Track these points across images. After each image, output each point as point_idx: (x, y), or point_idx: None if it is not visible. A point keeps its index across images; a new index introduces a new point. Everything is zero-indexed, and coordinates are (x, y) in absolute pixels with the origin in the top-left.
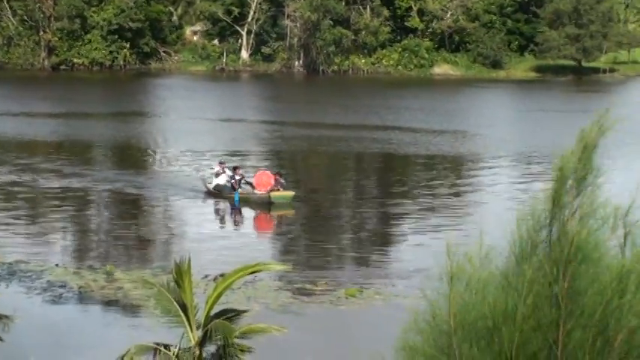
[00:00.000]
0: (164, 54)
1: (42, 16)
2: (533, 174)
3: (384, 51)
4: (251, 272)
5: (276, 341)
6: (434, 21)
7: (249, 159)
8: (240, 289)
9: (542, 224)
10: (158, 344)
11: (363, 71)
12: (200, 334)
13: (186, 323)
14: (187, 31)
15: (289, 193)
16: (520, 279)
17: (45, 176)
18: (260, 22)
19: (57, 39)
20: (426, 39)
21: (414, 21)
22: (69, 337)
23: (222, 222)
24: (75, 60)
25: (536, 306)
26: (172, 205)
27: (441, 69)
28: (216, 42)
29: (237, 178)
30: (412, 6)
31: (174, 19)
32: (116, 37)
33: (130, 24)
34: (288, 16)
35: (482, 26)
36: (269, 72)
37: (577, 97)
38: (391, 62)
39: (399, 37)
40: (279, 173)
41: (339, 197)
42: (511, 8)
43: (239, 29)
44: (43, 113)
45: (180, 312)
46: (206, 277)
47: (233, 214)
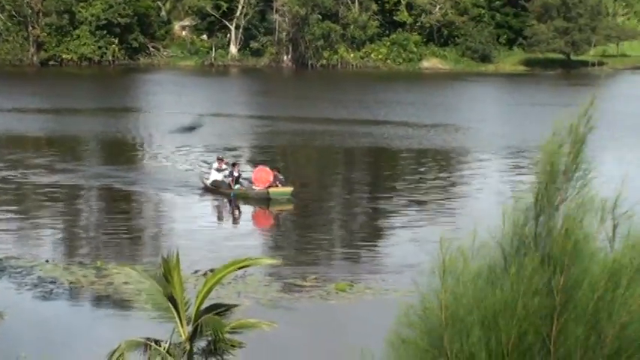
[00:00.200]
0: (153, 49)
1: (30, 11)
2: (523, 167)
3: (372, 45)
4: (241, 267)
5: (267, 336)
6: (422, 15)
7: (239, 154)
8: (231, 284)
9: (533, 218)
10: (149, 339)
11: (352, 65)
12: (190, 329)
13: (177, 318)
14: (176, 26)
15: (288, 188)
16: (515, 273)
17: (35, 172)
18: (248, 16)
19: (45, 34)
20: (415, 33)
21: (403, 15)
22: (59, 333)
23: (213, 218)
24: (64, 55)
25: (531, 300)
26: (163, 200)
27: (429, 63)
28: (204, 37)
29: (235, 175)
30: (400, 0)
31: (162, 14)
32: (105, 32)
33: (119, 19)
34: (276, 11)
35: (470, 20)
36: (258, 67)
37: (566, 90)
38: (380, 56)
39: (387, 31)
40: (278, 169)
41: (330, 192)
42: (500, 2)
43: (228, 24)
44: (32, 109)
45: (171, 307)
46: (196, 272)
47: (225, 209)
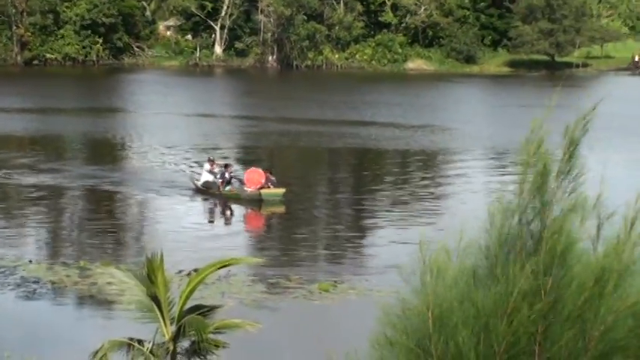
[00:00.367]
0: (137, 49)
1: (14, 11)
2: (508, 168)
3: (357, 46)
4: (223, 266)
5: (250, 336)
6: (407, 16)
7: (224, 153)
8: (215, 284)
9: (520, 219)
10: (132, 339)
11: (337, 66)
12: (174, 329)
13: (160, 318)
14: (160, 26)
15: (280, 190)
16: (503, 274)
17: (19, 172)
18: (233, 17)
19: (30, 34)
20: (400, 34)
21: (388, 16)
22: (43, 333)
23: (198, 218)
24: (48, 55)
25: (521, 303)
26: (148, 200)
27: (414, 64)
28: (189, 37)
29: (227, 176)
30: (386, 1)
31: (147, 14)
32: (89, 32)
33: (103, 19)
34: (261, 11)
35: (455, 21)
36: (242, 67)
37: (551, 91)
38: (365, 57)
39: (372, 32)
40: (270, 170)
41: (315, 192)
42: (484, 3)
43: (212, 24)
44: (16, 108)
45: (155, 307)
46: (180, 272)
47: (211, 210)
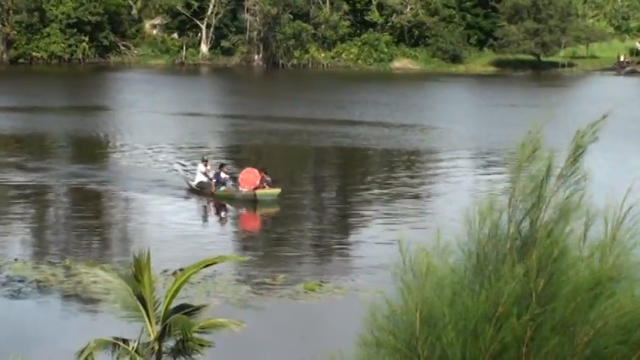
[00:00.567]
0: (123, 47)
1: (0, 9)
2: (496, 167)
3: (343, 45)
4: (208, 265)
5: (236, 336)
6: (393, 15)
7: (212, 153)
8: (200, 283)
9: (512, 220)
10: (117, 339)
11: (323, 65)
12: (159, 328)
13: (146, 318)
14: (147, 24)
15: (275, 190)
16: (493, 277)
17: (4, 170)
18: (219, 15)
19: (15, 32)
20: (386, 33)
21: (374, 15)
22: (28, 332)
23: (186, 218)
24: (34, 53)
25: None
26: (134, 199)
27: (400, 63)
28: (175, 36)
29: (222, 176)
30: (372, 0)
31: (133, 12)
32: (75, 30)
33: (89, 17)
34: (247, 10)
35: (441, 20)
36: (229, 66)
37: (537, 91)
38: (351, 56)
39: (358, 31)
40: (265, 170)
41: (301, 191)
42: (470, 3)
43: (198, 23)
44: (1, 107)
45: (140, 306)
46: (165, 271)
47: (200, 210)
